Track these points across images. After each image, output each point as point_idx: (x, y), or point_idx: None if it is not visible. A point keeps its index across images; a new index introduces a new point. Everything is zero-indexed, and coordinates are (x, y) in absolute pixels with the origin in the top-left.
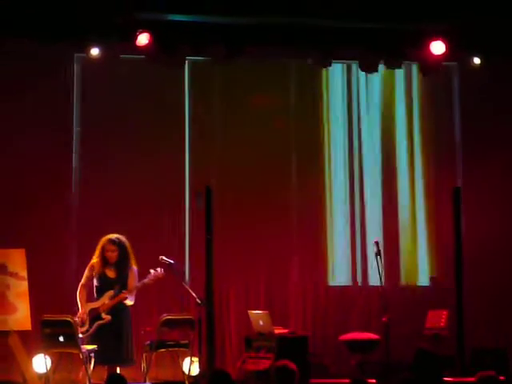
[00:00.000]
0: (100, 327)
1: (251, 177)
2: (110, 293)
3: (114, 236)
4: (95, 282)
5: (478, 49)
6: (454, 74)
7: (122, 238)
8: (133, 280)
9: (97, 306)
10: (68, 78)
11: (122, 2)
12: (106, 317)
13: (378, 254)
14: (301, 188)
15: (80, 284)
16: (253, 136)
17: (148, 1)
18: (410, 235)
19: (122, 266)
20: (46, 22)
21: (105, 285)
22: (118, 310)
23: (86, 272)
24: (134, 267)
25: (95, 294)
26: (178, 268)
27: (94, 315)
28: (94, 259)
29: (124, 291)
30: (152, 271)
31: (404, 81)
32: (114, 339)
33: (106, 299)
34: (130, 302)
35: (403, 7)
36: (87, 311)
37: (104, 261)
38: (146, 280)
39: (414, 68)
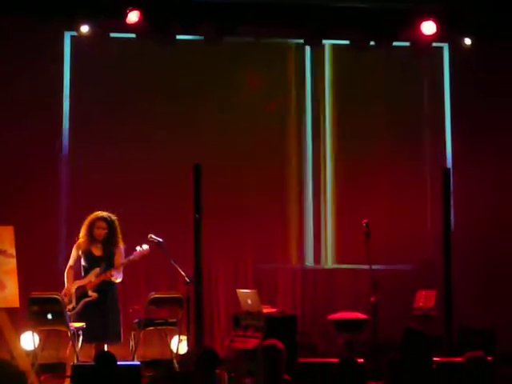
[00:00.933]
0: (87, 305)
1: (241, 157)
2: (96, 270)
3: (104, 213)
4: (82, 261)
5: (469, 29)
6: (445, 55)
7: (112, 216)
8: (119, 257)
9: (83, 283)
10: (58, 55)
11: None
12: (93, 294)
13: (366, 234)
14: (290, 169)
15: (68, 265)
16: (244, 116)
17: None
18: (399, 217)
19: (109, 243)
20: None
21: (91, 263)
22: (104, 287)
23: (73, 252)
24: (121, 245)
25: (82, 273)
26: (167, 246)
27: (81, 293)
28: (81, 238)
29: (110, 269)
30: (138, 248)
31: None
32: (100, 317)
33: (92, 277)
34: (117, 279)
35: None
36: (74, 289)
37: (91, 238)
38: (131, 257)
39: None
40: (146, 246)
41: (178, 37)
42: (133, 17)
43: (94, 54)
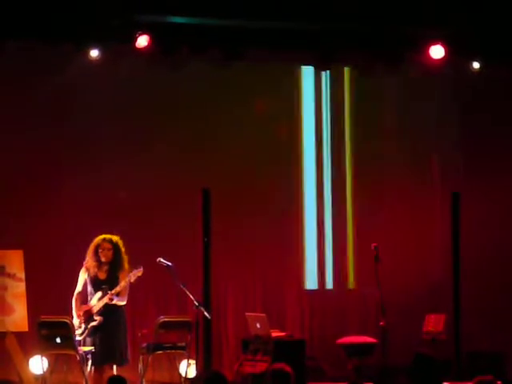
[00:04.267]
0: (93, 329)
1: (249, 180)
2: (98, 294)
3: (108, 235)
4: (88, 286)
5: (478, 54)
6: (453, 79)
7: (116, 237)
8: (124, 280)
9: (88, 308)
10: (67, 79)
11: (122, 4)
12: (98, 318)
13: (375, 257)
14: (301, 193)
15: (75, 291)
16: (251, 140)
17: (148, 3)
18: (409, 240)
19: (114, 266)
20: (47, 23)
21: (95, 286)
22: (109, 310)
23: (80, 277)
24: (127, 268)
25: (88, 297)
26: (176, 270)
27: (87, 317)
28: (87, 262)
29: (110, 292)
30: (133, 270)
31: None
32: (106, 339)
33: (95, 301)
34: (119, 302)
35: (403, 11)
36: (81, 314)
37: (98, 261)
38: (127, 279)
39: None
40: (139, 268)
41: (187, 61)
42: (142, 41)
43: (102, 76)
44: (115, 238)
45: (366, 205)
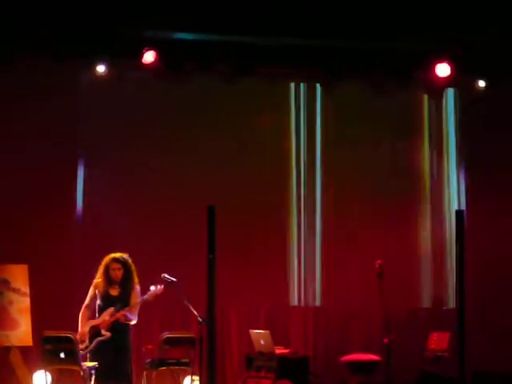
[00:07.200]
0: (100, 343)
1: (253, 198)
2: (111, 310)
3: (117, 255)
4: (98, 301)
5: (483, 72)
6: (459, 96)
7: (126, 256)
8: (135, 298)
9: (97, 323)
10: (74, 94)
11: (129, 20)
12: (106, 333)
13: (379, 275)
14: (302, 209)
15: (84, 305)
16: (256, 157)
17: (154, 19)
18: (413, 258)
19: (125, 284)
20: (54, 39)
21: (107, 302)
22: (118, 327)
23: (90, 291)
24: (137, 286)
25: (97, 313)
26: (180, 286)
27: (94, 332)
28: (98, 279)
29: (125, 308)
30: (152, 287)
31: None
32: (112, 356)
33: (106, 316)
34: (131, 321)
35: (410, 29)
36: (88, 329)
37: (108, 280)
38: (145, 297)
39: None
40: (159, 286)
41: (193, 77)
42: (149, 57)
43: (109, 92)
44: (124, 257)
45: (370, 221)
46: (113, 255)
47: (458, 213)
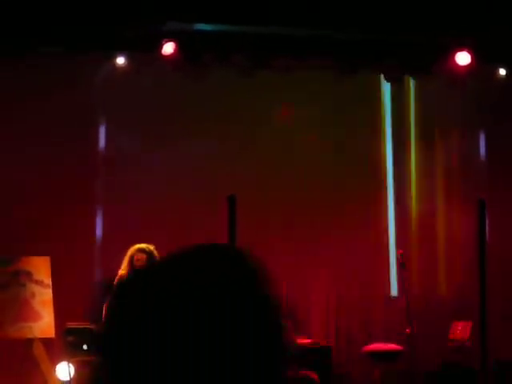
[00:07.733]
0: None
1: (275, 187)
2: None
3: (143, 245)
4: None
5: (504, 60)
6: (480, 85)
7: (151, 246)
8: None
9: None
10: (93, 87)
11: (148, 12)
12: None
13: (402, 265)
14: (325, 200)
15: (108, 298)
16: (278, 149)
17: (174, 10)
18: (433, 247)
19: None
20: (73, 31)
21: None
22: None
23: (115, 283)
24: None
25: None
26: None
27: None
28: (122, 270)
29: None
30: None
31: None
32: None
33: None
34: None
35: (429, 19)
36: None
37: (133, 270)
38: None
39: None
40: None
41: (213, 68)
42: (168, 48)
43: (128, 84)
44: (150, 248)
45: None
46: (138, 246)
47: (480, 202)
